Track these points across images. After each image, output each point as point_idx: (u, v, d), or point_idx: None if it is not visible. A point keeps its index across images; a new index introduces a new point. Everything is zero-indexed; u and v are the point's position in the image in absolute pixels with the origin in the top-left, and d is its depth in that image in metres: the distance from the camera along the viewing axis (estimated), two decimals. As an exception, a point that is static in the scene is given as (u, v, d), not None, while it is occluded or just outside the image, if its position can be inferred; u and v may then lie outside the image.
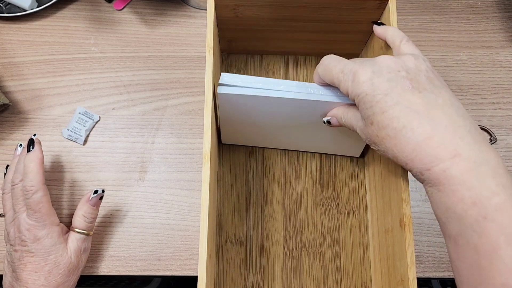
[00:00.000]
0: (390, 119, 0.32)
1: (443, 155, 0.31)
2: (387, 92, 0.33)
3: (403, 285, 0.40)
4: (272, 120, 0.47)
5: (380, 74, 0.34)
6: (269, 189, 0.55)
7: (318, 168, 0.56)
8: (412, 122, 0.32)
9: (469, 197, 0.30)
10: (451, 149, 0.31)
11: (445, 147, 0.31)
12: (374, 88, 0.33)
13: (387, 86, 0.33)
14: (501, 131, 0.58)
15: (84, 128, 0.56)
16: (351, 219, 0.54)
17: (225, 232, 0.53)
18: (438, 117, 0.32)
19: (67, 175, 0.55)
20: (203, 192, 0.39)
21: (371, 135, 0.35)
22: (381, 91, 0.33)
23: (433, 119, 0.32)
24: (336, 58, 0.38)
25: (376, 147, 0.36)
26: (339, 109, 0.41)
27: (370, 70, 0.34)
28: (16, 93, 0.58)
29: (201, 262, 0.37)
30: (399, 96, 0.32)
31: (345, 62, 0.36)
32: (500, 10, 0.63)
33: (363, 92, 0.34)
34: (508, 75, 0.60)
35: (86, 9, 0.62)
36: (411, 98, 0.32)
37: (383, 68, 0.34)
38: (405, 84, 0.33)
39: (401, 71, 0.34)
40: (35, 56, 0.59)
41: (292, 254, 0.53)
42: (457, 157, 0.30)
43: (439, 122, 0.31)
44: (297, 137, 0.52)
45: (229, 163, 0.56)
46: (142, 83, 0.59)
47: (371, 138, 0.35)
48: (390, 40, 0.40)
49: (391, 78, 0.33)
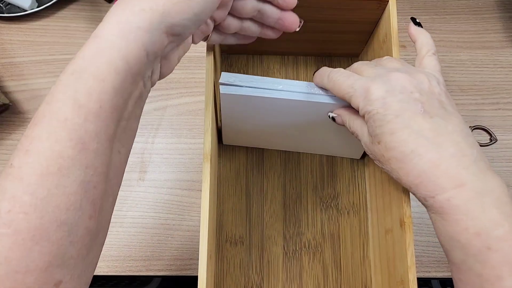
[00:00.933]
0: (399, 141, 0.32)
1: (447, 184, 0.31)
2: (398, 114, 0.33)
3: (403, 285, 0.40)
4: (274, 120, 0.47)
5: (393, 94, 0.33)
6: (269, 189, 0.55)
7: (318, 168, 0.56)
8: (420, 148, 0.32)
9: (473, 228, 0.30)
10: (455, 179, 0.31)
11: (450, 176, 0.31)
12: (386, 108, 0.33)
13: (399, 107, 0.33)
14: (501, 131, 0.58)
15: (84, 128, 0.56)
16: (351, 219, 0.54)
17: (225, 232, 0.53)
18: (445, 145, 0.32)
19: (67, 175, 0.55)
20: (203, 192, 0.39)
21: (377, 153, 0.35)
22: (392, 111, 0.33)
23: (440, 146, 0.32)
24: (345, 72, 0.37)
25: (380, 164, 0.35)
26: (347, 112, 0.40)
27: (383, 88, 0.34)
28: (16, 93, 0.58)
29: (201, 262, 0.37)
30: (410, 119, 0.32)
31: (355, 77, 0.36)
32: (500, 11, 0.63)
33: (374, 110, 0.33)
34: (509, 76, 0.60)
35: (86, 9, 0.62)
36: (421, 123, 0.32)
37: (396, 88, 0.33)
38: (417, 107, 0.33)
39: (414, 92, 0.33)
40: (35, 56, 0.59)
41: (292, 254, 0.53)
42: (461, 187, 0.30)
43: (446, 149, 0.31)
44: (298, 138, 0.52)
45: (229, 163, 0.56)
46: (142, 83, 0.59)
47: (376, 156, 0.35)
48: (417, 46, 0.39)
49: (403, 99, 0.33)
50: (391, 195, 0.45)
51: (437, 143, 0.32)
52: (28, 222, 0.25)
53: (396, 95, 0.33)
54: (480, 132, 0.58)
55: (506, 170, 0.56)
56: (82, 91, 0.27)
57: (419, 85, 0.34)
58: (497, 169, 0.56)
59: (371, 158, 0.37)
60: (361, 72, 0.37)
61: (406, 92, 0.33)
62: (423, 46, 0.39)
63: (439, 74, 0.36)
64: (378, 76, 0.35)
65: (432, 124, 0.32)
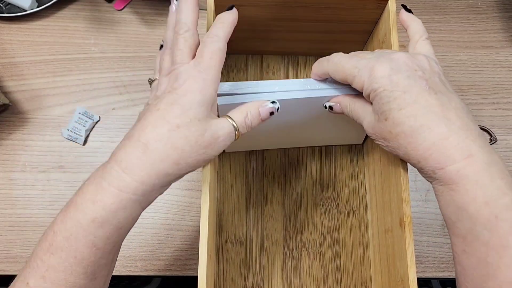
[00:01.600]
0: (408, 116, 0.33)
1: (458, 155, 0.31)
2: (406, 90, 0.33)
3: (403, 285, 0.40)
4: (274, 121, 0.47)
5: (399, 71, 0.34)
6: (269, 189, 0.55)
7: (318, 168, 0.56)
8: (430, 121, 0.32)
9: (482, 197, 0.30)
10: (465, 150, 0.31)
11: (459, 148, 0.31)
12: (393, 85, 0.34)
13: (406, 83, 0.34)
14: (501, 131, 0.58)
15: (84, 128, 0.56)
16: (351, 219, 0.54)
17: (225, 232, 0.53)
18: (453, 119, 0.33)
19: (67, 175, 0.55)
20: (203, 192, 0.39)
21: (383, 130, 0.35)
22: (400, 88, 0.33)
23: (449, 120, 0.32)
24: (347, 54, 0.38)
25: (385, 142, 0.36)
26: (345, 98, 0.41)
27: (388, 66, 0.34)
28: (16, 93, 0.58)
29: (201, 262, 0.37)
30: (417, 94, 0.33)
31: (357, 58, 0.37)
32: (500, 10, 0.63)
33: (381, 87, 0.34)
34: (508, 75, 0.60)
35: (86, 9, 0.62)
36: (428, 99, 0.33)
37: (401, 65, 0.34)
38: (422, 84, 0.34)
39: (417, 70, 0.34)
40: (35, 56, 0.59)
41: (292, 254, 0.53)
42: (470, 158, 0.31)
43: (453, 123, 0.32)
44: (298, 134, 0.52)
45: (229, 163, 0.56)
46: (142, 83, 0.59)
47: (382, 134, 0.35)
48: (410, 33, 0.40)
49: (409, 76, 0.34)
50: (391, 195, 0.45)
51: (446, 117, 0.32)
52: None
53: (402, 72, 0.34)
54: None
55: (506, 170, 0.56)
56: (101, 237, 0.32)
57: (421, 64, 0.35)
58: (497, 169, 0.56)
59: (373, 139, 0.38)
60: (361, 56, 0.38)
61: (410, 69, 0.34)
62: (416, 32, 0.40)
63: (435, 57, 0.38)
64: (380, 56, 0.36)
65: (438, 100, 0.33)
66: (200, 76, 0.34)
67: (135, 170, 0.32)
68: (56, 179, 0.55)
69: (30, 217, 0.53)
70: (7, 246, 0.52)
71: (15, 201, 0.54)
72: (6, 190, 0.54)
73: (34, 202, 0.54)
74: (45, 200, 0.54)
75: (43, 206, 0.54)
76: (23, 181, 0.55)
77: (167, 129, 0.32)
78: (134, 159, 0.32)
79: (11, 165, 0.55)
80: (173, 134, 0.32)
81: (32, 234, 0.53)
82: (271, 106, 0.38)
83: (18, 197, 0.54)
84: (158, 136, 0.32)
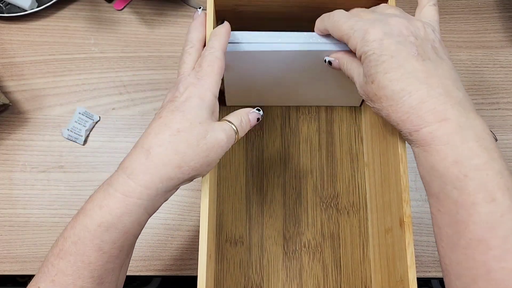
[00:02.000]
0: (391, 80, 0.34)
1: (432, 118, 0.33)
2: (394, 55, 0.34)
3: (403, 285, 0.40)
4: (275, 74, 0.47)
5: (391, 36, 0.35)
6: (269, 189, 0.55)
7: (318, 168, 0.56)
8: (410, 86, 0.33)
9: (451, 156, 0.32)
10: (440, 113, 0.32)
11: (435, 111, 0.33)
12: (382, 49, 0.34)
13: (394, 48, 0.34)
14: (501, 131, 0.58)
15: (84, 128, 0.56)
16: (351, 219, 0.54)
17: (225, 232, 0.53)
18: (435, 85, 0.33)
19: (67, 175, 0.55)
20: (203, 192, 0.39)
21: (369, 92, 0.36)
22: (388, 52, 0.34)
23: (430, 86, 0.33)
24: (347, 14, 0.39)
25: (371, 104, 0.37)
26: (344, 55, 0.41)
27: (381, 30, 0.35)
28: (16, 93, 0.58)
29: (201, 262, 0.37)
30: (404, 60, 0.34)
31: (356, 19, 0.37)
32: (500, 10, 0.63)
33: (371, 51, 0.35)
34: (508, 75, 0.60)
35: (86, 9, 0.62)
36: (414, 64, 0.34)
37: (394, 31, 0.35)
38: (412, 49, 0.34)
39: (410, 36, 0.35)
40: (35, 56, 0.59)
41: (292, 254, 0.53)
42: (444, 121, 0.32)
43: (434, 89, 0.33)
44: (299, 90, 0.52)
45: (229, 163, 0.56)
46: (142, 83, 0.59)
47: (369, 95, 0.37)
48: None
49: (399, 41, 0.35)
50: (391, 195, 0.45)
51: (427, 83, 0.33)
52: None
53: (394, 37, 0.35)
54: (480, 132, 0.58)
55: (506, 169, 0.56)
56: (108, 241, 0.33)
57: (416, 31, 0.36)
58: (497, 169, 0.56)
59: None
60: (361, 16, 0.38)
61: (403, 35, 0.35)
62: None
63: (436, 24, 0.38)
64: (377, 20, 0.36)
65: (424, 66, 0.34)
66: (199, 82, 0.36)
67: (139, 175, 0.33)
68: (56, 179, 0.55)
69: (30, 217, 0.53)
70: (7, 246, 0.52)
71: (15, 201, 0.54)
72: (6, 190, 0.54)
73: (34, 202, 0.54)
74: (45, 200, 0.54)
75: (43, 206, 0.54)
76: (23, 181, 0.55)
77: (168, 134, 0.34)
78: (138, 165, 0.33)
79: (11, 165, 0.55)
80: (174, 139, 0.34)
81: (32, 234, 0.53)
82: (257, 113, 0.40)
83: (18, 197, 0.54)
84: (159, 142, 0.34)
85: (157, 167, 0.33)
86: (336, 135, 0.57)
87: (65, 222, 0.53)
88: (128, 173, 0.33)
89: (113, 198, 0.33)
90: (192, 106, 0.35)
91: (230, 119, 0.38)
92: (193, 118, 0.34)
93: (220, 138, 0.35)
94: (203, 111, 0.35)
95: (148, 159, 0.33)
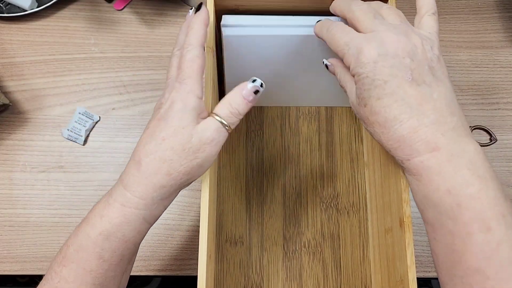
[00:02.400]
0: (383, 107, 0.33)
1: (423, 148, 0.32)
2: (387, 80, 0.33)
3: (403, 285, 0.40)
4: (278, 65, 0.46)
5: (385, 58, 0.33)
6: (269, 189, 0.55)
7: (318, 168, 0.56)
8: (402, 114, 0.33)
9: (444, 186, 0.31)
10: (431, 143, 0.32)
11: (426, 141, 0.32)
12: (376, 73, 0.33)
13: (388, 73, 0.33)
14: (501, 131, 0.58)
15: (84, 128, 0.56)
16: (351, 219, 0.54)
17: (225, 232, 0.53)
18: (428, 112, 0.33)
19: (67, 175, 0.55)
20: (203, 192, 0.39)
21: (362, 115, 0.36)
22: (381, 76, 0.33)
23: (422, 114, 0.33)
24: (344, 28, 0.37)
25: (364, 125, 0.37)
26: (339, 64, 0.40)
27: (376, 51, 0.34)
28: (16, 93, 0.58)
29: (201, 262, 0.37)
30: (397, 86, 0.33)
31: (352, 35, 0.36)
32: (500, 10, 0.63)
33: (364, 73, 0.34)
34: (508, 75, 0.60)
35: (86, 9, 0.62)
36: (407, 90, 0.33)
37: (389, 52, 0.34)
38: (407, 74, 0.33)
39: (405, 58, 0.34)
40: (35, 56, 0.59)
41: (292, 254, 0.53)
42: (435, 151, 0.32)
43: (427, 116, 0.32)
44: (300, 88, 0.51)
45: (229, 163, 0.56)
46: (142, 83, 0.59)
47: (362, 117, 0.36)
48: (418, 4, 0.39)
49: (394, 65, 0.33)
50: (391, 195, 0.45)
51: (420, 111, 0.33)
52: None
53: (388, 60, 0.34)
54: (480, 132, 0.58)
55: (506, 170, 0.56)
56: (108, 250, 0.34)
57: (412, 51, 0.34)
58: (497, 169, 0.56)
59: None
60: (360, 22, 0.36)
61: (398, 57, 0.34)
62: (424, 4, 0.38)
63: (436, 36, 0.37)
64: (373, 37, 0.35)
65: (418, 92, 0.33)
66: (181, 86, 0.35)
67: (133, 186, 0.34)
68: (56, 179, 0.55)
69: (30, 217, 0.53)
70: (7, 246, 0.52)
71: (15, 201, 0.54)
72: (6, 190, 0.54)
73: (34, 202, 0.54)
74: (45, 200, 0.54)
75: (43, 206, 0.54)
76: (23, 181, 0.55)
77: (154, 144, 0.34)
78: (131, 176, 0.35)
79: (11, 165, 0.55)
80: (160, 147, 0.34)
81: (32, 234, 0.53)
82: (252, 85, 0.37)
83: (18, 197, 0.54)
84: (147, 152, 0.34)
85: (148, 177, 0.34)
86: (336, 135, 0.57)
87: (65, 222, 0.53)
88: (124, 184, 0.35)
89: (112, 208, 0.34)
90: (174, 111, 0.35)
91: (217, 111, 0.36)
92: (176, 124, 0.34)
93: (206, 138, 0.35)
94: (186, 114, 0.35)
95: (140, 170, 0.34)
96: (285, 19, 0.41)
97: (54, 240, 0.53)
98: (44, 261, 0.52)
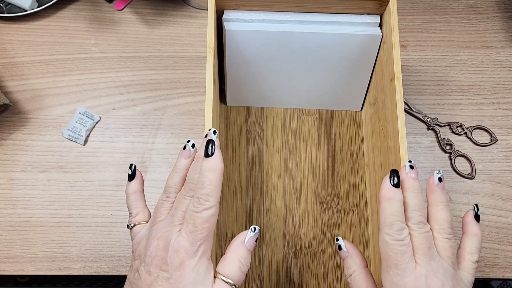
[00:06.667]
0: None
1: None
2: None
3: (403, 285, 0.40)
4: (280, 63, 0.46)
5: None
6: (269, 189, 0.55)
7: (318, 168, 0.56)
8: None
9: None
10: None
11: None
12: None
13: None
14: (502, 131, 0.58)
15: (84, 128, 0.56)
16: (351, 219, 0.54)
17: (225, 232, 0.53)
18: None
19: (67, 175, 0.55)
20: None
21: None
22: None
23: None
24: (405, 243, 0.37)
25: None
26: (358, 260, 0.40)
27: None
28: (16, 93, 0.58)
29: (202, 262, 0.37)
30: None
31: (408, 266, 0.35)
32: (500, 10, 0.63)
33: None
34: (509, 75, 0.60)
35: (86, 9, 0.62)
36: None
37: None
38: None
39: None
40: (35, 56, 0.59)
41: (292, 254, 0.53)
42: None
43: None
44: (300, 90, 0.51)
45: (229, 163, 0.56)
46: (142, 83, 0.59)
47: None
48: (463, 244, 0.38)
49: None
50: (391, 195, 0.45)
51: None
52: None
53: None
54: (480, 132, 0.58)
55: (506, 170, 0.56)
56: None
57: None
58: (497, 169, 0.56)
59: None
60: (420, 255, 0.36)
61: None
62: (468, 248, 0.38)
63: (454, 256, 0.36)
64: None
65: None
66: (192, 248, 0.34)
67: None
68: (56, 179, 0.55)
69: (31, 217, 0.53)
70: (7, 246, 0.53)
71: (15, 201, 0.54)
72: (7, 190, 0.54)
73: (35, 202, 0.54)
74: (45, 200, 0.54)
75: (43, 206, 0.54)
76: (23, 181, 0.55)
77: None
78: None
79: (11, 165, 0.55)
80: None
81: (33, 234, 0.53)
82: (254, 235, 0.36)
83: (18, 197, 0.54)
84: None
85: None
86: (337, 135, 0.57)
87: (65, 222, 0.53)
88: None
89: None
90: (186, 283, 0.33)
91: (224, 271, 0.35)
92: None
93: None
94: (198, 285, 0.33)
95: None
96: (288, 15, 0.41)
97: (54, 240, 0.53)
98: (44, 261, 0.52)
